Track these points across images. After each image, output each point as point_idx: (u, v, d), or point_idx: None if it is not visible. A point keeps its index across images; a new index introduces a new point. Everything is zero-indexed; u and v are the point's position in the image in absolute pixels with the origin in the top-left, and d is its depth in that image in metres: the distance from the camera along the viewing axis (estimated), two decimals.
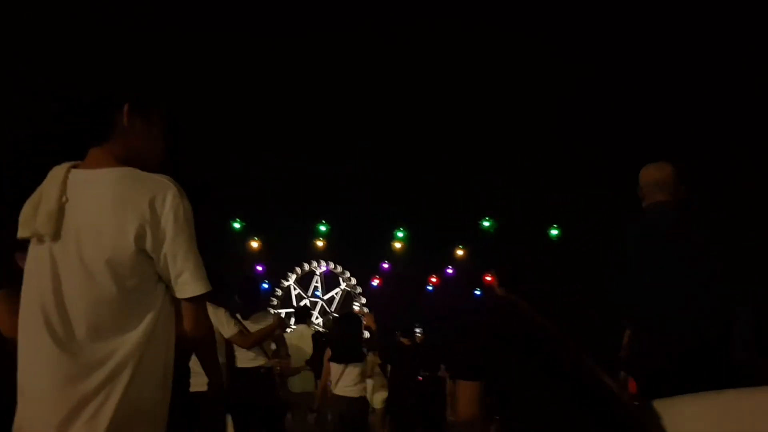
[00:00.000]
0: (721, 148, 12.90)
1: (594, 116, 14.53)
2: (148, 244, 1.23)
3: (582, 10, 13.50)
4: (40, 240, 1.28)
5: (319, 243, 32.84)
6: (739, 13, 12.01)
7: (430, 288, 42.56)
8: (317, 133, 16.24)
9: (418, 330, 10.69)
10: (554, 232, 25.36)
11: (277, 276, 37.25)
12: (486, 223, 26.93)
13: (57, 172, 1.40)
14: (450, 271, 39.66)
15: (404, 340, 7.00)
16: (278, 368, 4.40)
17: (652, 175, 2.22)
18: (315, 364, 5.30)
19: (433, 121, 15.29)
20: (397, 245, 29.66)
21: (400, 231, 30.76)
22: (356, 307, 67.75)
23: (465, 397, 1.87)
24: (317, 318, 77.26)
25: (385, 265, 37.90)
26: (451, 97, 14.87)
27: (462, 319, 2.58)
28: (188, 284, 1.27)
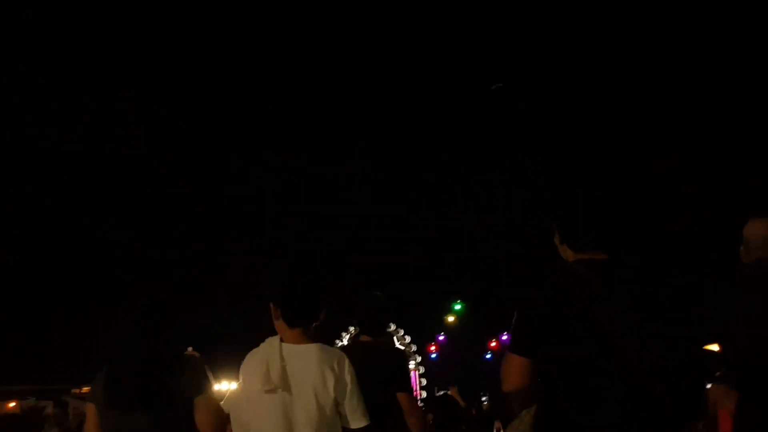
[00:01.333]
0: None
1: None
2: (339, 393, 1.94)
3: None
4: (273, 391, 1.93)
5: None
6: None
7: (489, 356, 42.59)
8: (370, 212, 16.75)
9: (483, 398, 10.24)
10: None
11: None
12: None
13: (273, 342, 2.01)
14: (505, 337, 39.63)
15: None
16: None
17: (761, 231, 2.19)
18: None
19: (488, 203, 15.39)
20: (450, 318, 31.15)
21: (458, 303, 31.78)
22: (411, 366, 67.07)
23: None
24: None
25: (441, 337, 38.87)
26: None
27: None
28: (360, 420, 1.96)
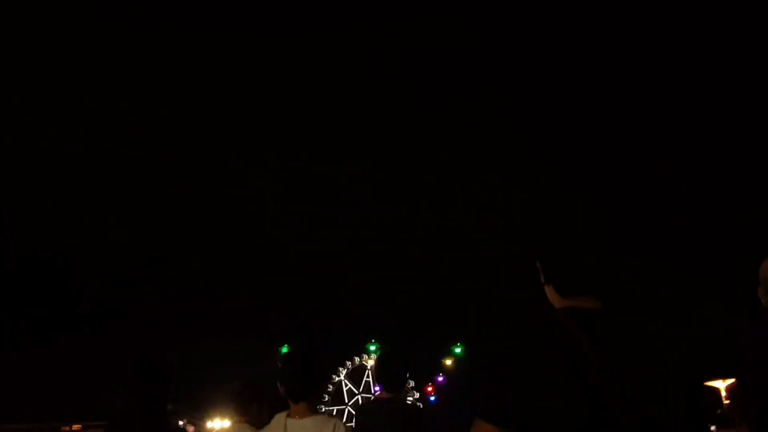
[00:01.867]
0: None
1: None
2: None
3: None
4: None
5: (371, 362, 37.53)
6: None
7: None
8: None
9: None
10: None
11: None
12: None
13: (279, 419, 2.34)
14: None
15: None
16: None
17: None
18: None
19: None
20: (448, 362, 32.09)
21: (458, 347, 32.66)
22: (410, 400, 67.59)
23: None
24: None
25: (440, 378, 40.40)
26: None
27: None
28: None
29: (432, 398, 36.42)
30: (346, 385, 79.96)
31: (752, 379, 2.03)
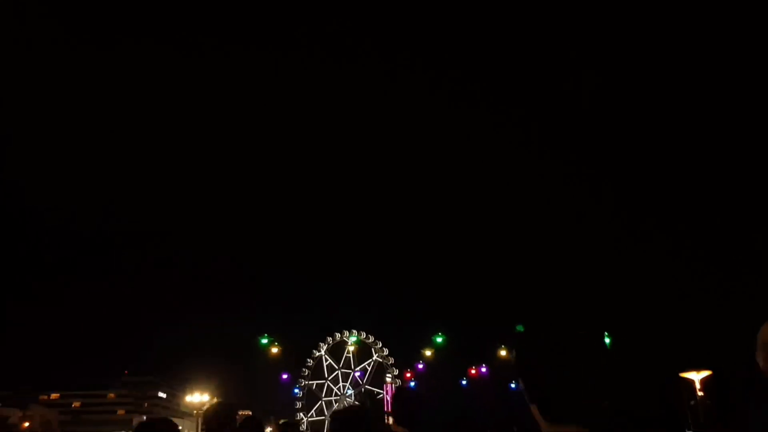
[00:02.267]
0: None
1: None
2: None
3: None
4: None
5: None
6: None
7: (464, 382, 45.22)
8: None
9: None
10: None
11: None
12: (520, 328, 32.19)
13: None
14: (484, 369, 43.03)
15: None
16: None
17: None
18: None
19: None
20: (428, 353, 33.62)
21: (439, 336, 34.24)
22: (388, 379, 68.95)
23: None
24: (348, 389, 77.24)
25: (420, 366, 42.51)
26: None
27: None
28: None
29: (411, 384, 38.95)
30: (327, 360, 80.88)
31: None
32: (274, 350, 37.82)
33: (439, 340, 33.47)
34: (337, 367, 78.64)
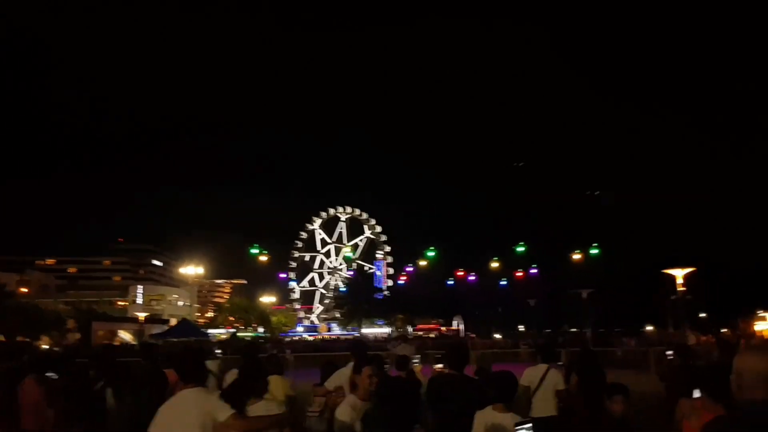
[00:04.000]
0: None
1: None
2: None
3: None
4: None
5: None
6: None
7: (451, 282, 50.56)
8: None
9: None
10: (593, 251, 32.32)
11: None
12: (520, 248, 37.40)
13: None
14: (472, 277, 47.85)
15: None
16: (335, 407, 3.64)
17: (755, 366, 1.78)
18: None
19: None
20: (422, 262, 38.23)
21: (431, 250, 38.09)
22: (379, 255, 72.17)
23: None
24: (338, 261, 77.89)
25: (410, 268, 48.23)
26: None
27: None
28: None
29: (401, 282, 47.61)
30: (320, 234, 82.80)
31: None
32: (263, 258, 41.19)
33: (431, 254, 38.20)
34: (330, 242, 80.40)
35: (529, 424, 2.70)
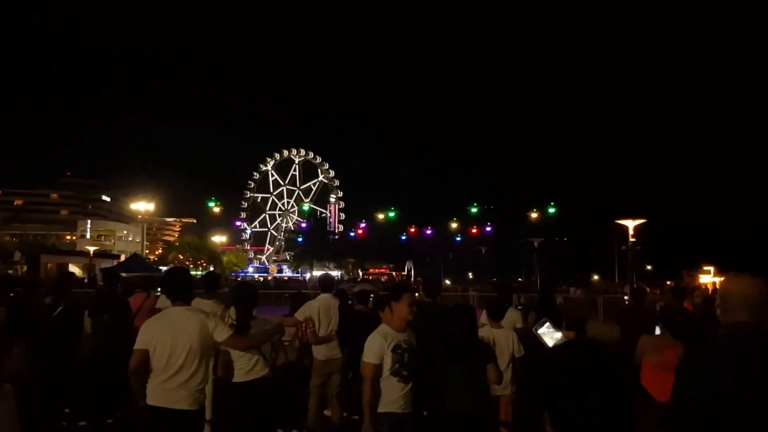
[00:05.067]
0: None
1: None
2: None
3: None
4: None
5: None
6: None
7: (404, 238, 51.22)
8: None
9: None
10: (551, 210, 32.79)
11: None
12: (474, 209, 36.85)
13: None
14: (429, 231, 48.44)
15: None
16: (305, 337, 4.57)
17: (740, 289, 1.89)
18: (341, 333, 5.05)
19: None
20: (381, 216, 38.79)
21: (392, 211, 38.60)
22: (332, 199, 71.72)
23: None
24: (291, 205, 75.74)
25: (363, 224, 48.85)
26: None
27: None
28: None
29: (351, 234, 53.16)
30: (273, 176, 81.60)
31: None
32: (217, 210, 40.89)
33: (392, 214, 39.26)
34: (282, 184, 79.89)
35: (547, 323, 2.83)
